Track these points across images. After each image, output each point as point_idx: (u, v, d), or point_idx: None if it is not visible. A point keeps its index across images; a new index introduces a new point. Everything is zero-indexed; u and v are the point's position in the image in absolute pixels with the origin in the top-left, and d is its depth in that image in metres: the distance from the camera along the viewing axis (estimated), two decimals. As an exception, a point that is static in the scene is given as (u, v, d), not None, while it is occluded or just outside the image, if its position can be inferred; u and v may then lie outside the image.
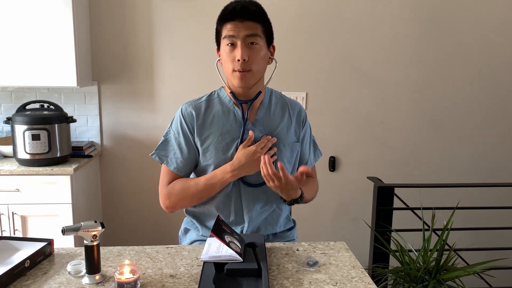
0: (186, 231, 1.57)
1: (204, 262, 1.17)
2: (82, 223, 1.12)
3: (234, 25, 1.33)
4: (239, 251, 1.18)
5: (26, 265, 1.17)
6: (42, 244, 1.27)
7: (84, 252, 1.13)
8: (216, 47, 1.45)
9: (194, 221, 1.52)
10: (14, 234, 2.28)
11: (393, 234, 2.12)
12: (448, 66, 2.77)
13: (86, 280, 1.12)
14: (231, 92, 1.44)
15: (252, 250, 1.23)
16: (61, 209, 2.29)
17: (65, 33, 2.35)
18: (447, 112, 2.82)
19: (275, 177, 1.28)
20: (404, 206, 2.28)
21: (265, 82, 1.48)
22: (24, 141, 2.25)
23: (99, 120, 2.71)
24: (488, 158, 2.88)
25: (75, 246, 2.25)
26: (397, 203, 2.26)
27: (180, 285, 1.11)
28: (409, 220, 2.28)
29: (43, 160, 2.29)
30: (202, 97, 1.49)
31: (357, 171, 2.83)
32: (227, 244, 1.16)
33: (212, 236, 1.17)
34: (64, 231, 1.10)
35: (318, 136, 2.73)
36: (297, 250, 1.34)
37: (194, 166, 1.47)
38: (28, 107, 2.36)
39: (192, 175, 1.51)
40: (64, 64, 2.37)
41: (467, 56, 2.77)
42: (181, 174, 1.45)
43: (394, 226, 2.17)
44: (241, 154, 1.37)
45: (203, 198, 1.43)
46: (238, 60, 1.33)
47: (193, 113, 1.44)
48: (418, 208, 2.13)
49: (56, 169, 2.27)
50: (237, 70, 1.35)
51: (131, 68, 2.68)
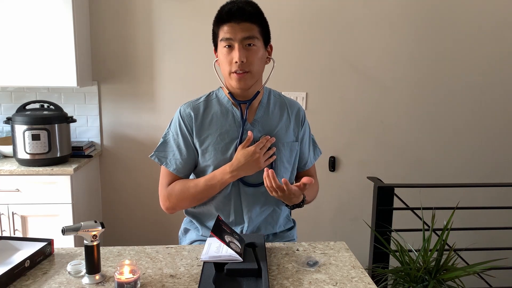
0: (186, 231, 1.57)
1: (204, 262, 1.17)
2: (82, 223, 1.12)
3: (231, 27, 1.33)
4: (239, 251, 1.18)
5: (26, 265, 1.17)
6: (42, 244, 1.27)
7: (84, 252, 1.13)
8: (213, 48, 1.45)
9: (194, 221, 1.52)
10: (14, 234, 2.28)
11: (393, 234, 2.12)
12: (448, 66, 2.77)
13: (86, 280, 1.13)
14: (229, 93, 1.44)
15: (252, 250, 1.23)
16: (61, 209, 2.29)
17: (65, 33, 2.35)
18: (447, 112, 2.82)
19: (278, 189, 1.28)
20: (404, 206, 2.28)
21: (263, 82, 1.47)
22: (24, 141, 2.25)
23: (99, 120, 2.71)
24: (488, 158, 2.88)
25: (75, 246, 2.25)
26: (397, 203, 2.26)
27: (180, 285, 1.11)
28: (409, 220, 2.28)
29: (43, 160, 2.29)
30: (201, 97, 1.49)
31: (357, 171, 2.83)
32: (227, 244, 1.16)
33: (212, 236, 1.17)
34: (64, 231, 1.10)
35: (318, 136, 2.72)
36: (297, 250, 1.34)
37: (193, 167, 1.47)
38: (28, 107, 2.36)
39: (192, 176, 1.51)
40: (64, 64, 2.37)
41: (467, 56, 2.77)
42: (181, 175, 1.45)
43: (394, 226, 2.17)
44: (240, 154, 1.37)
45: (203, 199, 1.44)
46: (236, 62, 1.33)
47: (192, 114, 1.43)
48: (418, 208, 2.13)
49: (56, 169, 2.27)
50: (235, 72, 1.35)
51: (131, 68, 2.68)
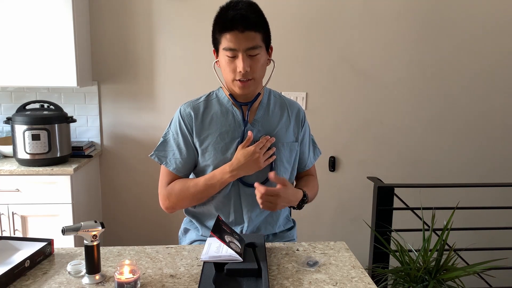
0: (186, 231, 1.57)
1: (204, 262, 1.17)
2: (82, 223, 1.12)
3: (234, 36, 1.29)
4: (239, 251, 1.18)
5: (26, 265, 1.17)
6: (42, 244, 1.27)
7: (84, 252, 1.13)
8: (210, 48, 1.43)
9: (193, 221, 1.52)
10: (14, 234, 2.28)
11: (393, 234, 2.12)
12: (448, 66, 2.77)
13: (86, 280, 1.13)
14: (230, 94, 1.44)
15: (252, 250, 1.24)
16: (61, 209, 2.29)
17: (65, 33, 2.35)
18: (447, 112, 2.82)
19: (268, 198, 1.31)
20: (404, 206, 2.28)
21: (263, 83, 1.47)
22: (24, 141, 2.25)
23: (99, 120, 2.71)
24: (488, 158, 2.88)
25: (75, 246, 2.25)
26: (397, 203, 2.26)
27: (180, 285, 1.11)
28: (409, 220, 2.29)
29: (43, 160, 2.29)
30: (201, 97, 1.49)
31: (357, 171, 2.83)
32: (227, 244, 1.16)
33: (212, 236, 1.17)
34: (64, 231, 1.10)
35: (318, 136, 2.72)
36: (297, 250, 1.34)
37: (193, 166, 1.47)
38: (28, 107, 2.36)
39: (192, 175, 1.51)
40: (64, 64, 2.37)
41: (467, 56, 2.77)
42: (180, 175, 1.45)
43: (394, 226, 2.17)
44: (240, 154, 1.37)
45: (203, 198, 1.44)
46: (240, 72, 1.31)
47: (192, 113, 1.43)
48: (418, 208, 2.13)
49: (56, 169, 2.27)
50: (239, 80, 1.34)
51: (131, 68, 2.68)
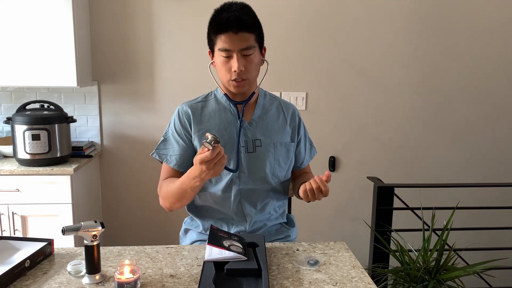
0: (187, 231, 1.58)
1: (204, 262, 1.17)
2: (82, 223, 1.12)
3: (229, 37, 1.33)
4: (241, 251, 1.19)
5: (26, 265, 1.17)
6: (42, 244, 1.28)
7: (84, 252, 1.13)
8: (208, 50, 1.47)
9: (194, 217, 1.53)
10: (14, 234, 2.28)
11: (393, 234, 2.12)
12: (448, 66, 2.77)
13: (86, 280, 1.13)
14: (225, 94, 1.47)
15: (252, 250, 1.24)
16: (61, 209, 2.29)
17: (65, 33, 2.35)
18: (447, 112, 2.82)
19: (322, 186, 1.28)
20: (404, 206, 2.28)
21: (257, 83, 1.50)
22: (24, 141, 2.25)
23: (99, 120, 2.71)
24: (488, 158, 2.88)
25: (75, 246, 2.25)
26: (397, 203, 2.26)
27: (180, 285, 1.11)
28: (409, 220, 2.28)
29: (43, 160, 2.29)
30: (198, 97, 1.53)
31: (357, 171, 2.83)
32: (227, 248, 1.18)
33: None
34: (64, 231, 1.10)
35: (318, 136, 2.71)
36: (297, 250, 1.34)
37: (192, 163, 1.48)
38: (28, 107, 2.36)
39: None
40: (64, 64, 2.37)
41: (467, 56, 2.77)
42: (182, 170, 1.45)
43: (394, 226, 2.17)
44: (197, 159, 1.22)
45: (183, 200, 1.38)
46: (235, 71, 1.35)
47: (190, 112, 1.47)
48: (418, 208, 2.13)
49: (56, 169, 2.27)
50: (234, 80, 1.37)
51: (131, 68, 2.68)
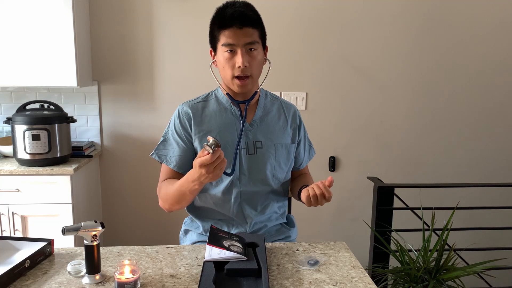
0: (187, 232, 1.57)
1: (204, 262, 1.17)
2: (82, 223, 1.12)
3: (233, 32, 1.33)
4: (241, 250, 1.19)
5: (26, 265, 1.17)
6: (42, 244, 1.28)
7: (84, 252, 1.13)
8: (209, 49, 1.45)
9: (194, 218, 1.53)
10: (14, 234, 2.28)
11: (393, 234, 2.12)
12: (448, 66, 2.77)
13: (86, 280, 1.13)
14: (227, 93, 1.45)
15: (252, 250, 1.24)
16: (61, 209, 2.29)
17: (65, 33, 2.35)
18: (447, 112, 2.82)
19: (326, 191, 1.28)
20: (404, 206, 2.28)
21: (259, 82, 1.49)
22: (24, 141, 2.25)
23: (99, 120, 2.71)
24: (488, 158, 2.88)
25: (75, 246, 2.25)
26: (397, 203, 2.26)
27: (180, 285, 1.11)
28: (409, 220, 2.29)
29: (43, 160, 2.29)
30: (199, 97, 1.51)
31: (357, 171, 2.83)
32: (228, 248, 1.17)
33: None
34: (64, 231, 1.10)
35: (318, 136, 2.71)
36: (297, 250, 1.34)
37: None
38: (28, 107, 2.36)
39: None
40: (64, 64, 2.37)
41: (467, 56, 2.77)
42: (181, 172, 1.45)
43: (394, 226, 2.17)
44: (197, 162, 1.20)
45: (182, 202, 1.37)
46: (239, 67, 1.34)
47: (190, 112, 1.45)
48: (418, 208, 2.13)
49: (56, 169, 2.27)
50: (238, 77, 1.36)
51: (131, 68, 2.68)
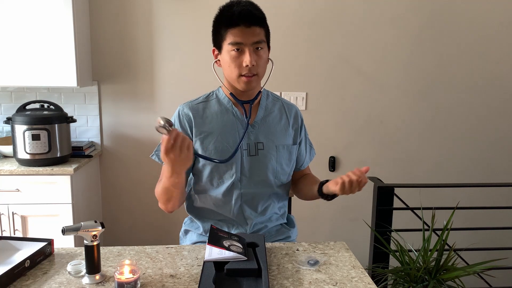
0: (187, 232, 1.57)
1: (204, 262, 1.17)
2: (82, 223, 1.12)
3: (241, 31, 1.32)
4: (241, 250, 1.19)
5: (26, 265, 1.17)
6: (42, 244, 1.27)
7: (84, 252, 1.13)
8: (211, 48, 1.43)
9: (194, 219, 1.53)
10: (14, 234, 2.28)
11: (393, 234, 2.11)
12: (448, 66, 2.77)
13: (86, 280, 1.13)
14: (231, 93, 1.44)
15: (252, 250, 1.24)
16: (61, 209, 2.29)
17: (65, 33, 2.35)
18: (447, 112, 2.82)
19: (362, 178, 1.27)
20: (404, 206, 2.28)
21: (262, 82, 1.47)
22: (24, 141, 2.25)
23: (99, 120, 2.71)
24: (488, 158, 2.88)
25: (75, 246, 2.25)
26: (397, 203, 2.26)
27: (180, 285, 1.11)
28: (409, 220, 2.29)
29: (43, 160, 2.29)
30: (199, 97, 1.50)
31: (357, 171, 2.82)
32: (228, 248, 1.17)
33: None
34: (64, 231, 1.10)
35: (318, 136, 2.71)
36: (297, 250, 1.34)
37: (193, 165, 1.47)
38: (28, 107, 2.36)
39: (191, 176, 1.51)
40: (64, 64, 2.37)
41: (467, 56, 2.77)
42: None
43: (394, 226, 2.17)
44: (162, 153, 1.17)
45: (175, 198, 1.35)
46: (247, 66, 1.33)
47: (190, 114, 1.44)
48: (418, 208, 2.13)
49: (56, 169, 2.27)
50: (244, 75, 1.35)
51: (131, 68, 2.68)
